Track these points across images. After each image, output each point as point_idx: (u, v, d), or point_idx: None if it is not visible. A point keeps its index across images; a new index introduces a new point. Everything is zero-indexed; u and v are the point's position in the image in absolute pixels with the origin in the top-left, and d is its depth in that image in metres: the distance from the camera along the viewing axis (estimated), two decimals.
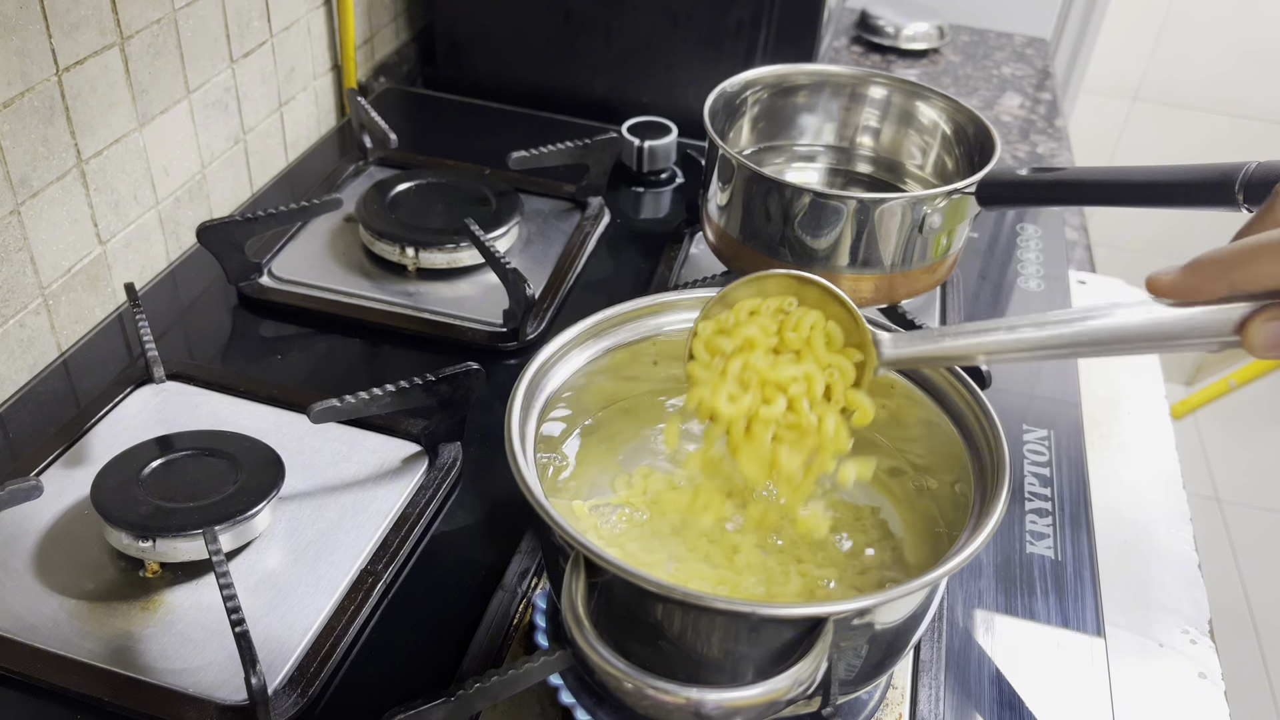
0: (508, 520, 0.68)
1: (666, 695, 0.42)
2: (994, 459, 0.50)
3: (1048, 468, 0.75)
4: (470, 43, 1.21)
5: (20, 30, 0.70)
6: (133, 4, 0.80)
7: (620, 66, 1.17)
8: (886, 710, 0.57)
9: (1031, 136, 1.28)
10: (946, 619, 0.64)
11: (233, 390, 0.75)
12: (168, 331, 0.83)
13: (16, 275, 0.74)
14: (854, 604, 0.44)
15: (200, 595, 0.61)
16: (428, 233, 0.89)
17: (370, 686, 0.58)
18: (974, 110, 0.83)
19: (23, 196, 0.73)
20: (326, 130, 1.14)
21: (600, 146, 1.00)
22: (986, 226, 1.04)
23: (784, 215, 0.75)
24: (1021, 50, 1.53)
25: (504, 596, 0.62)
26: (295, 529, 0.66)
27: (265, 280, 0.87)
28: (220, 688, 0.56)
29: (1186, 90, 2.15)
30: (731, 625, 0.44)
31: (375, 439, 0.73)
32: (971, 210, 0.77)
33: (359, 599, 0.61)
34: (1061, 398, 0.82)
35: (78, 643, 0.58)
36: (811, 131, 0.93)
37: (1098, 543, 0.70)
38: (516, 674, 0.50)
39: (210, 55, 0.91)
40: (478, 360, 0.70)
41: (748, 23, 1.11)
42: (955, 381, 0.54)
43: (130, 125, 0.83)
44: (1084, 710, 0.59)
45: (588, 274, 0.93)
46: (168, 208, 0.90)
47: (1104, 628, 0.64)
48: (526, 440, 0.50)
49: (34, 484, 0.62)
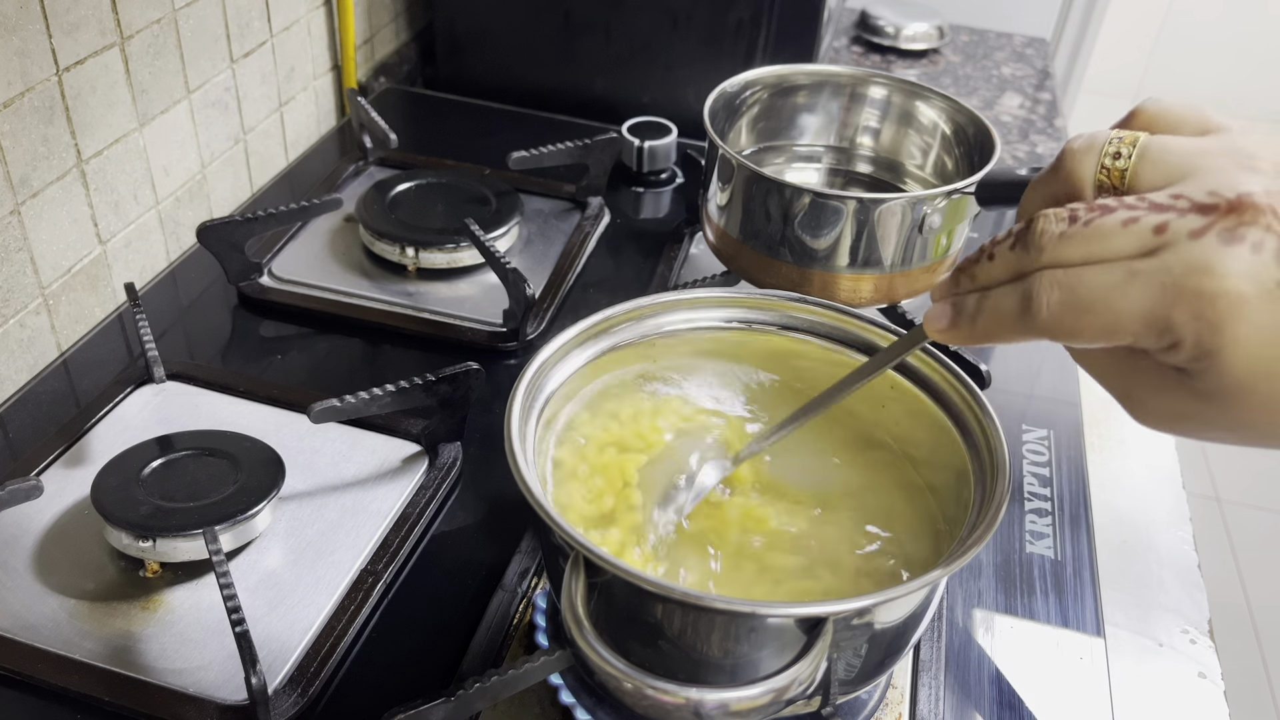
0: (508, 520, 0.68)
1: (666, 695, 0.42)
2: (994, 459, 0.50)
3: (1047, 468, 0.75)
4: (470, 43, 1.21)
5: (20, 30, 0.70)
6: (133, 4, 0.80)
7: (620, 66, 1.17)
8: (886, 710, 0.57)
9: (1031, 136, 1.28)
10: (946, 619, 0.64)
11: (233, 390, 0.75)
12: (168, 331, 0.83)
13: (16, 275, 0.74)
14: (854, 604, 0.44)
15: (200, 595, 0.61)
16: (428, 233, 0.89)
17: (370, 686, 0.58)
18: (974, 110, 0.83)
19: (23, 196, 0.73)
20: (326, 130, 1.14)
21: (600, 146, 1.00)
22: (986, 226, 1.04)
23: (784, 215, 0.76)
24: (1021, 50, 1.53)
25: (504, 596, 0.62)
26: (295, 529, 0.66)
27: (265, 280, 0.87)
28: (220, 687, 0.56)
29: (1186, 90, 2.15)
30: (731, 625, 0.44)
31: (375, 439, 0.73)
32: (971, 210, 0.78)
33: (359, 599, 0.61)
34: (1061, 398, 0.82)
35: (78, 643, 0.58)
36: (811, 131, 0.93)
37: (1097, 543, 0.70)
38: (516, 674, 0.50)
39: (210, 55, 0.91)
40: (478, 360, 0.70)
41: (748, 23, 1.11)
42: (955, 381, 0.54)
43: (130, 125, 0.83)
44: (1084, 710, 0.59)
45: (588, 274, 0.93)
46: (168, 208, 0.90)
47: (1103, 627, 0.64)
48: (526, 440, 0.50)
49: (34, 484, 0.62)
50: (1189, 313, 0.34)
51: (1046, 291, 0.37)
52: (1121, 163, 0.39)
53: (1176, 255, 0.34)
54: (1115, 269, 0.35)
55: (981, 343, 0.41)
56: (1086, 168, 0.39)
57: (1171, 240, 0.34)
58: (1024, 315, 0.37)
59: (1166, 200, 0.35)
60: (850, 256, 0.76)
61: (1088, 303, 0.36)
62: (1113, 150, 0.39)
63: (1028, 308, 0.37)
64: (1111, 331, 0.36)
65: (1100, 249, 0.36)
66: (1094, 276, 0.35)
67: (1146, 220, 0.35)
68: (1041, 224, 0.37)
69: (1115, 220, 0.36)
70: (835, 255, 0.76)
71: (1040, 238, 0.37)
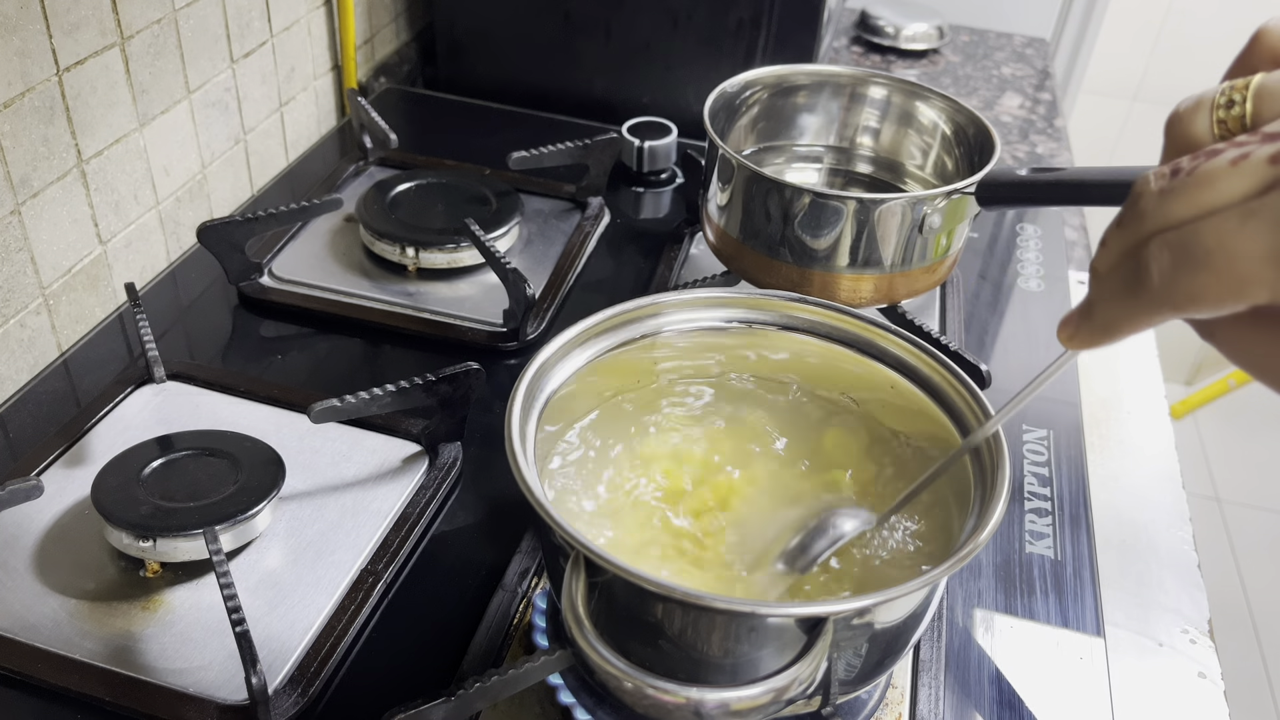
0: (508, 520, 0.69)
1: (666, 695, 0.42)
2: (994, 459, 0.50)
3: (1047, 468, 0.75)
4: (470, 43, 1.21)
5: (21, 30, 0.70)
6: (133, 4, 0.80)
7: (620, 67, 1.17)
8: (886, 710, 0.57)
9: (1031, 136, 1.28)
10: (946, 619, 0.64)
11: (233, 390, 0.76)
12: (168, 331, 0.83)
13: (17, 275, 0.74)
14: (854, 604, 0.44)
15: (200, 595, 0.61)
16: (428, 233, 0.89)
17: (370, 686, 0.58)
18: (974, 110, 0.83)
19: (23, 196, 0.73)
20: (327, 130, 1.14)
21: (600, 146, 1.00)
22: (986, 226, 1.04)
23: (784, 215, 0.76)
24: (1021, 50, 1.53)
25: (504, 596, 0.62)
26: (295, 529, 0.66)
27: (265, 280, 0.87)
28: (220, 687, 0.56)
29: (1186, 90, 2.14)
30: (731, 625, 0.44)
31: (375, 439, 0.73)
32: (971, 210, 0.78)
33: (359, 599, 0.61)
34: (1061, 398, 0.82)
35: (78, 643, 0.58)
36: (811, 131, 0.93)
37: (1097, 543, 0.70)
38: (516, 674, 0.50)
39: (210, 55, 0.91)
40: (478, 360, 0.70)
41: (748, 23, 1.11)
42: (955, 381, 0.54)
43: (130, 125, 0.83)
44: (1083, 710, 0.59)
45: (588, 274, 0.93)
46: (168, 208, 0.90)
47: (1103, 627, 0.64)
48: (526, 440, 0.50)
49: (34, 484, 0.62)
50: None
51: (1156, 258, 0.32)
52: (1236, 110, 0.34)
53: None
54: (1230, 215, 0.30)
55: (1110, 338, 0.35)
56: (1200, 124, 0.35)
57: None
58: (1137, 291, 0.33)
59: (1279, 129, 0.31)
60: (850, 256, 0.76)
61: (1203, 258, 0.30)
62: (1224, 100, 0.35)
63: (1140, 281, 0.32)
64: (1239, 287, 0.30)
65: (1211, 197, 0.31)
66: (1206, 228, 0.31)
67: (1259, 153, 0.30)
68: (1139, 187, 0.33)
69: (1223, 162, 0.31)
70: (835, 255, 0.76)
71: (1141, 201, 0.33)
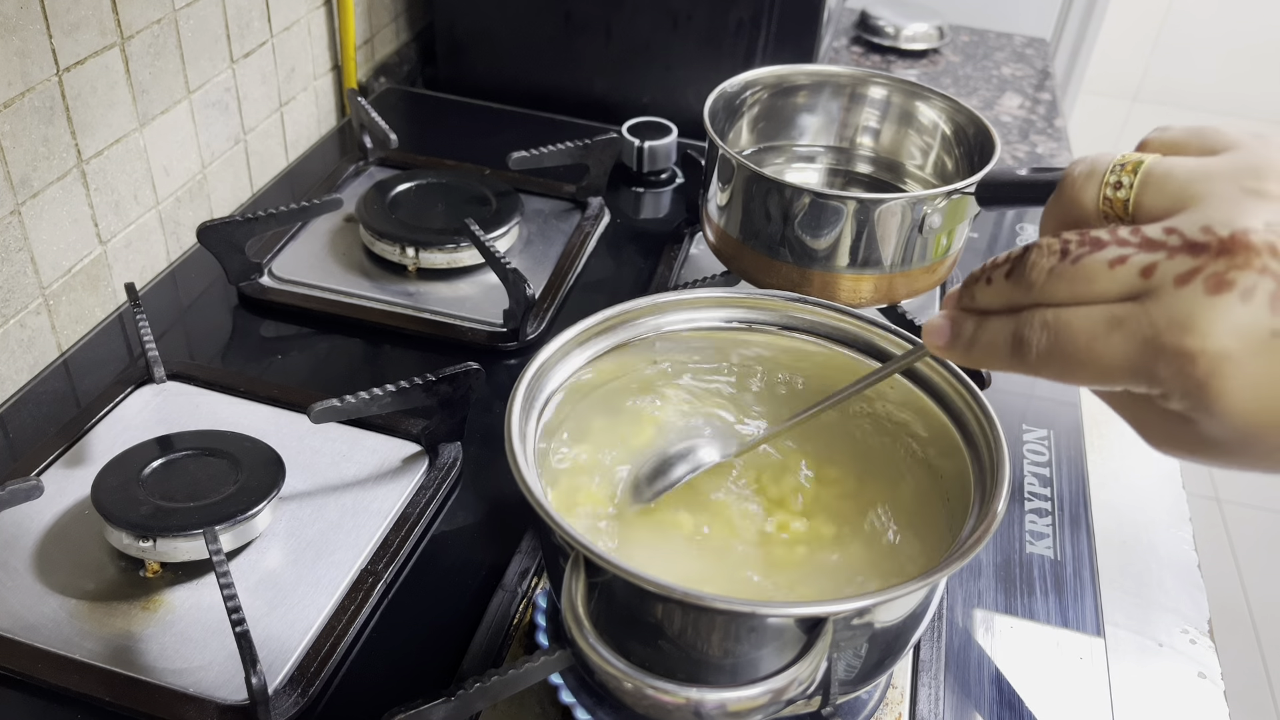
0: (508, 520, 0.69)
1: (666, 695, 0.42)
2: (994, 459, 0.50)
3: (1047, 468, 0.75)
4: (470, 43, 1.21)
5: (20, 30, 0.70)
6: (133, 4, 0.80)
7: (620, 67, 1.17)
8: (886, 710, 0.57)
9: (1031, 136, 1.28)
10: (946, 619, 0.64)
11: (233, 390, 0.75)
12: (168, 331, 0.83)
13: (17, 275, 0.74)
14: (854, 604, 0.44)
15: (200, 595, 0.61)
16: (428, 233, 0.89)
17: (370, 686, 0.58)
18: (974, 110, 0.83)
19: (23, 196, 0.73)
20: (327, 130, 1.14)
21: (600, 146, 1.00)
22: (986, 226, 1.04)
23: (784, 215, 0.76)
24: (1021, 50, 1.53)
25: (504, 596, 0.62)
26: (295, 529, 0.66)
27: (265, 280, 0.87)
28: (220, 687, 0.56)
29: (1186, 90, 2.15)
30: (731, 625, 0.44)
31: (375, 439, 0.73)
32: (971, 210, 0.78)
33: (359, 599, 0.61)
34: (1061, 398, 0.82)
35: (78, 643, 0.58)
36: (811, 132, 0.93)
37: (1097, 543, 0.70)
38: (516, 674, 0.50)
39: (210, 55, 0.91)
40: (478, 360, 0.70)
41: (748, 23, 1.11)
42: (955, 381, 0.54)
43: (130, 125, 0.83)
44: (1083, 710, 0.59)
45: (588, 274, 0.93)
46: (168, 208, 0.90)
47: (1103, 627, 0.64)
48: (526, 440, 0.50)
49: (34, 484, 0.62)
50: (1172, 369, 0.33)
51: (1036, 335, 0.36)
52: (1123, 193, 0.37)
53: (1160, 305, 0.33)
54: (1099, 316, 0.34)
55: (977, 368, 0.41)
56: (1088, 197, 0.38)
57: (1157, 285, 0.33)
58: (1015, 356, 0.37)
59: (1159, 236, 0.34)
60: (850, 257, 0.76)
61: (1072, 351, 0.35)
62: (1113, 180, 0.38)
63: (1019, 349, 0.37)
64: (1101, 378, 0.35)
65: (1086, 290, 0.35)
66: (1080, 322, 0.35)
67: (1135, 261, 0.34)
68: (1034, 256, 0.37)
69: (1103, 260, 0.35)
70: (835, 255, 0.76)
71: (1031, 272, 0.36)
